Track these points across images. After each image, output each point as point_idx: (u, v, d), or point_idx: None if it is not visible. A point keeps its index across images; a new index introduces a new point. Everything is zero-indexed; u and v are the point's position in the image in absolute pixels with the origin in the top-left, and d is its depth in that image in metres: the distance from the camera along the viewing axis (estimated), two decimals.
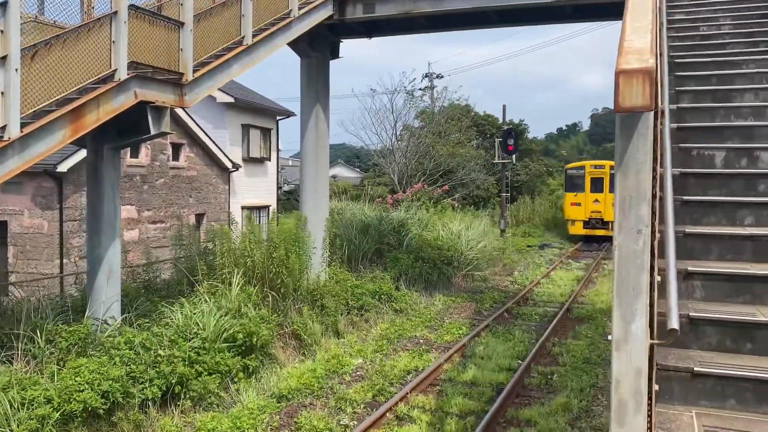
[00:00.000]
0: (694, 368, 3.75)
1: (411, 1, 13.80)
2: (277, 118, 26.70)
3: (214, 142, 21.25)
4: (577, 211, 30.74)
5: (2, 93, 6.85)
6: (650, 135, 2.69)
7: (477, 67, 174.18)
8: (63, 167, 15.04)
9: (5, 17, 6.86)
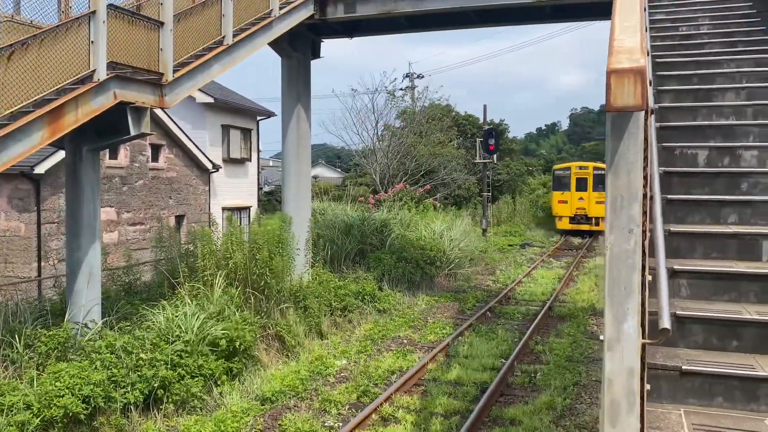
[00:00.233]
0: (683, 367, 3.76)
1: (392, 1, 13.79)
2: (258, 119, 26.55)
3: (193, 143, 21.08)
4: (564, 208, 33.74)
5: None
6: (641, 134, 2.69)
7: (457, 67, 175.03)
8: (40, 169, 14.82)
9: None
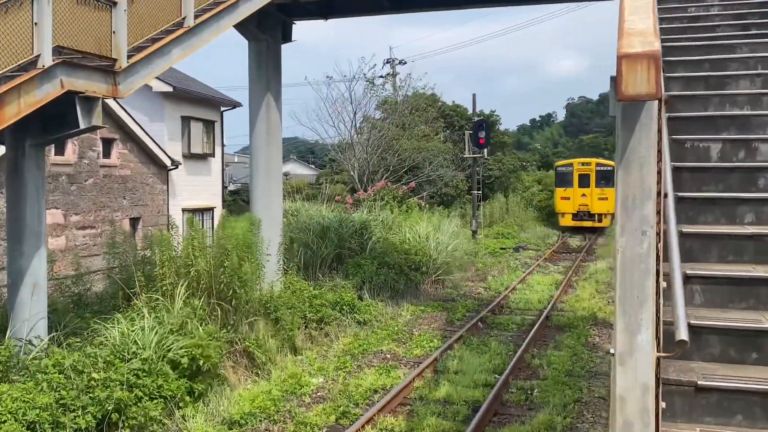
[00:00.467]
0: (698, 382, 3.78)
1: None
2: (222, 110, 26.42)
3: (150, 137, 20.91)
4: (567, 204, 36.59)
5: None
6: (654, 126, 2.69)
7: (443, 52, 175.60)
8: None
9: None
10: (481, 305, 17.08)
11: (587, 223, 35.89)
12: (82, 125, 9.06)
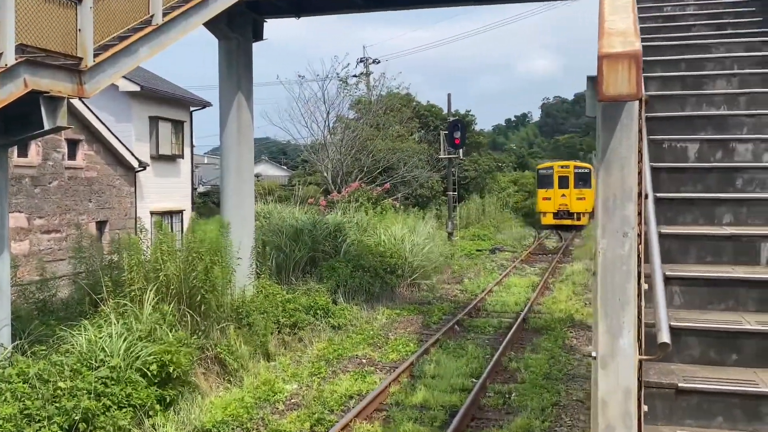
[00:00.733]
0: (679, 384, 3.82)
1: None
2: (191, 109, 26.20)
3: (117, 138, 20.68)
4: (548, 204, 39.91)
5: None
6: (635, 126, 2.71)
7: (417, 51, 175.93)
8: None
9: None
10: (457, 308, 17.13)
11: (567, 221, 39.07)
12: (47, 126, 8.93)
